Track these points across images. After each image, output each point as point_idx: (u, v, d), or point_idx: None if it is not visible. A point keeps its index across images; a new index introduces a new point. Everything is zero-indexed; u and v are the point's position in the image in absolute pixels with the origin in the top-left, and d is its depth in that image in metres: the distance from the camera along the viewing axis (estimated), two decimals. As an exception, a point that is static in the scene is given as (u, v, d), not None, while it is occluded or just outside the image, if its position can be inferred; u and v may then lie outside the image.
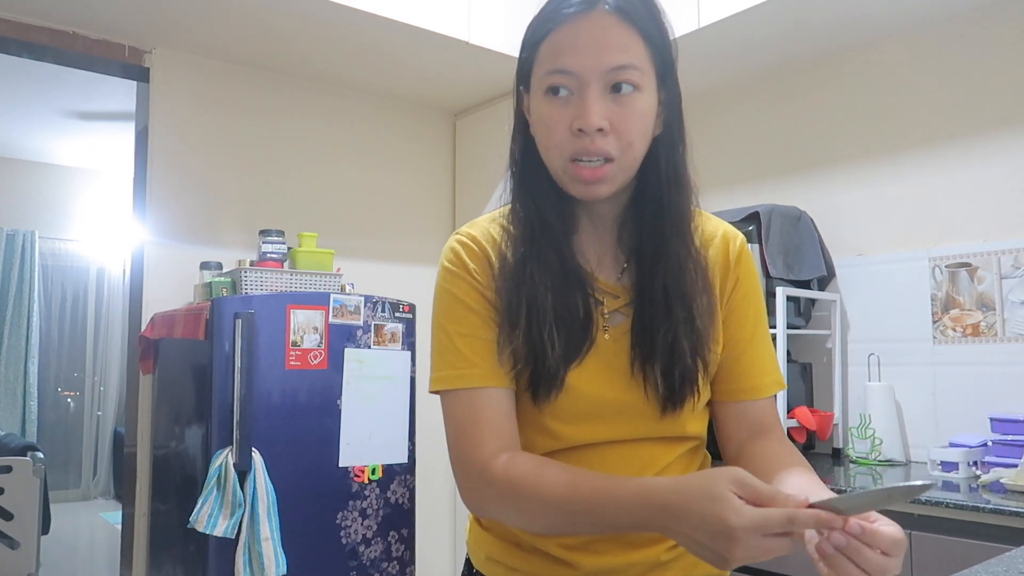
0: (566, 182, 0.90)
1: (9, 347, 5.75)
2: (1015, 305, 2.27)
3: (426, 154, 3.56)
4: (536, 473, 0.84)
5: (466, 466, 0.89)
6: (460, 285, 0.94)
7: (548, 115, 0.88)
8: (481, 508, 0.90)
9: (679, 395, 0.91)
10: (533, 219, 0.93)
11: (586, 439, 0.93)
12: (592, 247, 0.96)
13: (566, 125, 0.87)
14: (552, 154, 0.89)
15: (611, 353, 0.93)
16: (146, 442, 2.80)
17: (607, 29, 0.86)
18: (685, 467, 0.98)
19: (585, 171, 0.87)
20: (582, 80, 0.86)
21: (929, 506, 1.82)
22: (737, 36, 2.59)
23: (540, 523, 0.85)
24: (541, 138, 0.91)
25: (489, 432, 0.88)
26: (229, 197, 3.00)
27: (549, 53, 0.88)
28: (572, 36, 0.86)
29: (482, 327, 0.92)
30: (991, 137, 2.36)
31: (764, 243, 2.44)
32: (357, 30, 2.71)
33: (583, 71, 0.86)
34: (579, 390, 0.91)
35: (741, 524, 0.67)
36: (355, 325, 2.53)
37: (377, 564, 2.53)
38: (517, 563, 0.97)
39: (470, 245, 0.95)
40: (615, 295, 0.95)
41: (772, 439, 0.96)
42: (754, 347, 0.99)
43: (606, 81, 0.86)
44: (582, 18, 0.86)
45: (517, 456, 0.87)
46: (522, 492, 0.83)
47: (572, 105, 0.86)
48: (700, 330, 0.92)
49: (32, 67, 3.32)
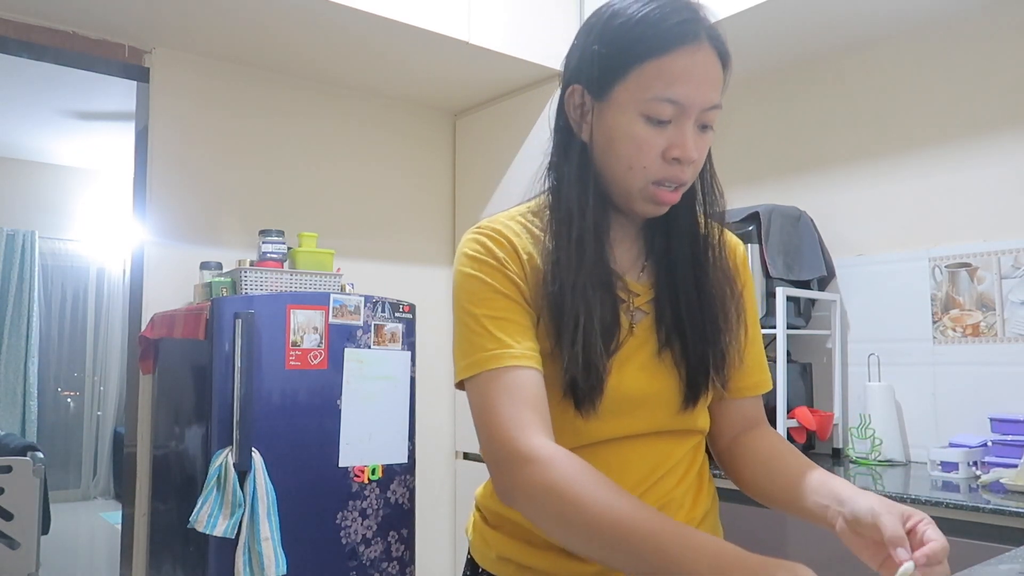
0: (637, 200, 0.92)
1: (9, 347, 5.75)
2: (1015, 305, 2.27)
3: (426, 154, 3.56)
4: (583, 484, 0.77)
5: (507, 452, 0.82)
6: (487, 271, 0.91)
7: (644, 138, 0.88)
8: (515, 499, 0.82)
9: (701, 386, 0.96)
10: (587, 223, 0.92)
11: (607, 435, 0.94)
12: (618, 247, 0.98)
13: (659, 150, 0.88)
14: (636, 174, 0.90)
15: (634, 348, 0.95)
16: (146, 442, 2.80)
17: (713, 66, 0.89)
18: (692, 462, 1.01)
19: (665, 195, 0.91)
20: (685, 112, 0.88)
21: (929, 506, 1.82)
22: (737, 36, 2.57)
23: (576, 541, 0.78)
24: (624, 155, 0.90)
25: (533, 416, 0.83)
26: (229, 197, 3.00)
27: (660, 78, 0.86)
28: (687, 68, 0.87)
29: (515, 310, 0.89)
30: (991, 137, 2.36)
31: (764, 243, 2.44)
32: (357, 30, 2.71)
33: (690, 105, 0.87)
34: (607, 386, 0.92)
35: None
36: (355, 325, 2.53)
37: (377, 564, 2.53)
38: (530, 560, 0.97)
39: (496, 237, 0.94)
40: (637, 293, 0.98)
41: (763, 431, 1.05)
42: (753, 348, 1.06)
43: (700, 117, 0.89)
44: (696, 50, 0.87)
45: (566, 455, 0.81)
46: (565, 501, 0.77)
47: (668, 133, 0.88)
48: (724, 326, 0.97)
49: (32, 67, 3.32)
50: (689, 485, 1.00)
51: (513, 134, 3.23)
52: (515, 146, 3.23)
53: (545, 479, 0.78)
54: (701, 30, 0.88)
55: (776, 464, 0.99)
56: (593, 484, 0.77)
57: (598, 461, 0.90)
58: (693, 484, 1.01)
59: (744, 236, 2.45)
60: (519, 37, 2.90)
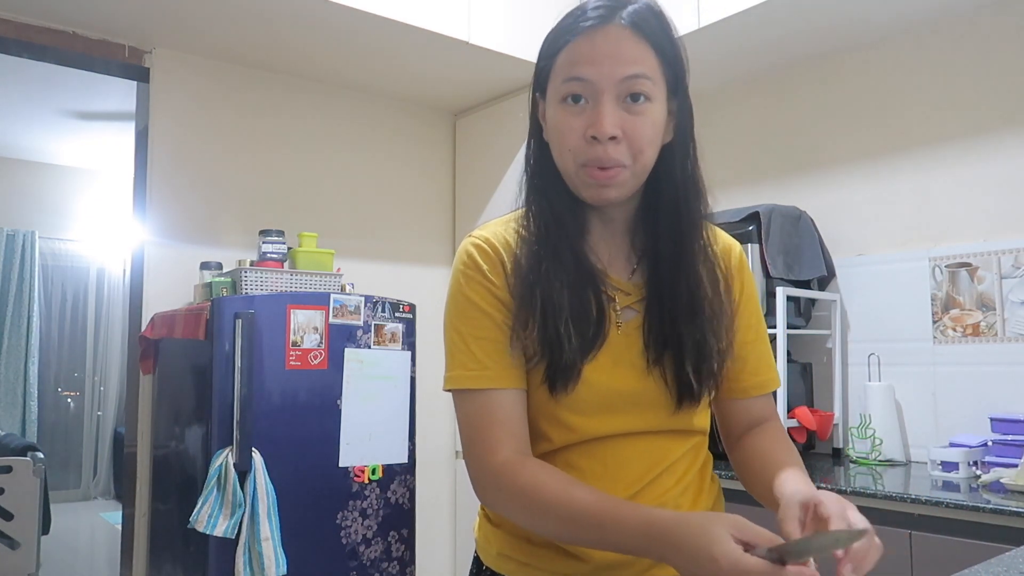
0: (578, 186, 0.95)
1: (9, 347, 5.75)
2: (1015, 305, 2.27)
3: (426, 154, 3.56)
4: (543, 482, 0.88)
5: (480, 466, 0.93)
6: (474, 288, 0.97)
7: (563, 122, 0.92)
8: (493, 505, 0.95)
9: (695, 387, 0.96)
10: (548, 219, 0.97)
11: (601, 431, 0.96)
12: (603, 247, 1.01)
13: (580, 132, 0.91)
14: (566, 159, 0.93)
15: (623, 347, 0.97)
16: (146, 442, 2.80)
17: (622, 41, 0.90)
18: (691, 462, 1.02)
19: (595, 174, 0.91)
20: (597, 89, 0.90)
21: (929, 506, 1.83)
22: (737, 36, 2.59)
23: (544, 529, 0.89)
24: (556, 143, 0.95)
25: (501, 433, 0.93)
26: (229, 197, 3.00)
27: (566, 63, 0.92)
28: (589, 47, 0.91)
29: (494, 330, 0.95)
30: (991, 137, 2.36)
31: (764, 243, 2.44)
32: (357, 30, 2.71)
33: (598, 80, 0.90)
34: (593, 382, 0.94)
35: (727, 561, 0.72)
36: (355, 325, 2.53)
37: (377, 564, 2.53)
38: (528, 558, 0.99)
39: (484, 248, 0.99)
40: (626, 292, 0.99)
41: (769, 431, 1.04)
42: (758, 347, 1.07)
43: (620, 91, 0.90)
44: (598, 30, 0.91)
45: (528, 462, 0.91)
46: (531, 499, 0.88)
47: (587, 113, 0.91)
48: (713, 325, 0.97)
49: (32, 67, 3.32)
50: (688, 485, 1.01)
51: (513, 134, 3.23)
52: (515, 146, 3.23)
53: (512, 486, 0.89)
54: (612, 14, 0.91)
55: (758, 464, 0.99)
56: (553, 481, 0.88)
57: (594, 458, 0.96)
58: (692, 484, 1.02)
59: (744, 236, 2.45)
60: (519, 37, 2.90)
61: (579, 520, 0.84)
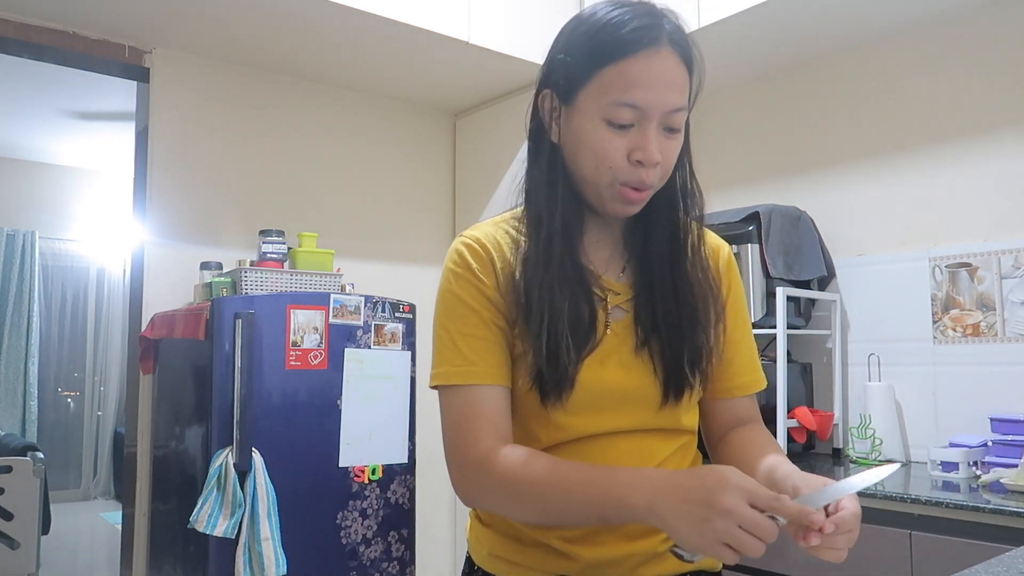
0: (605, 199, 0.95)
1: (9, 347, 5.76)
2: (1015, 305, 2.27)
3: (426, 154, 3.56)
4: (530, 461, 0.88)
5: (462, 459, 0.93)
6: (463, 286, 0.97)
7: (606, 139, 0.91)
8: (475, 500, 0.95)
9: (682, 384, 0.97)
10: (551, 222, 0.96)
11: (590, 430, 0.97)
12: (596, 248, 1.01)
13: (623, 153, 0.91)
14: (602, 174, 0.92)
15: (613, 345, 0.97)
16: (146, 442, 2.80)
17: (673, 69, 0.90)
18: (680, 461, 1.03)
19: (632, 194, 0.92)
20: (646, 116, 0.90)
21: (929, 506, 1.83)
22: (737, 36, 2.59)
23: (534, 512, 0.89)
24: (590, 157, 0.93)
25: (486, 427, 0.92)
26: (229, 197, 3.01)
27: (618, 83, 0.89)
28: (645, 72, 0.89)
29: (482, 328, 0.96)
30: (991, 137, 2.36)
31: (764, 243, 2.44)
32: (357, 30, 2.71)
33: (649, 108, 0.89)
34: (584, 382, 0.95)
35: (736, 480, 0.75)
36: (355, 325, 2.53)
37: (377, 564, 2.53)
38: (519, 558, 0.99)
39: (474, 247, 0.99)
40: (616, 292, 1.00)
41: (747, 427, 1.05)
42: (743, 347, 1.08)
43: (664, 120, 0.91)
44: (654, 54, 0.89)
45: (512, 448, 0.91)
46: (518, 478, 0.88)
47: (631, 136, 0.90)
48: (702, 324, 0.98)
49: (32, 67, 3.32)
50: None
51: (513, 134, 3.23)
52: (515, 146, 3.23)
53: (498, 471, 0.89)
54: (662, 35, 0.90)
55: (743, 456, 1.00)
56: (534, 462, 0.88)
57: (584, 457, 0.96)
58: None
59: (744, 236, 2.45)
60: (519, 37, 2.90)
61: (570, 483, 0.84)
